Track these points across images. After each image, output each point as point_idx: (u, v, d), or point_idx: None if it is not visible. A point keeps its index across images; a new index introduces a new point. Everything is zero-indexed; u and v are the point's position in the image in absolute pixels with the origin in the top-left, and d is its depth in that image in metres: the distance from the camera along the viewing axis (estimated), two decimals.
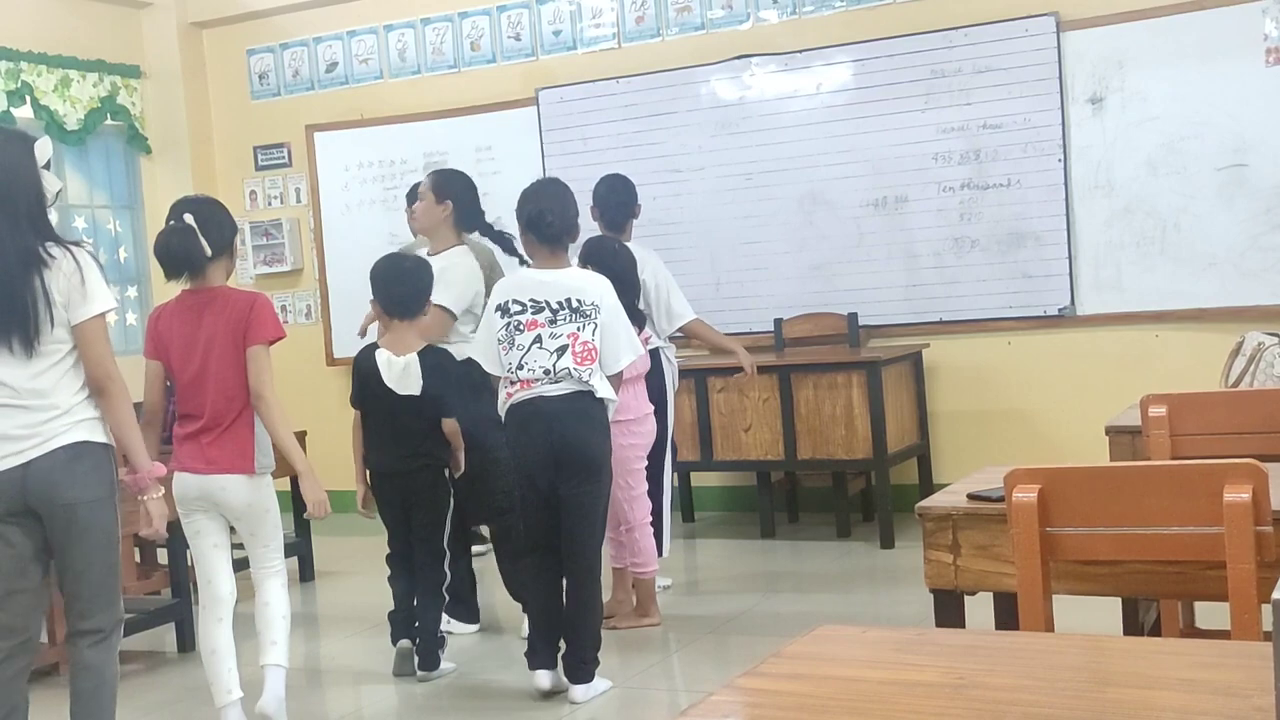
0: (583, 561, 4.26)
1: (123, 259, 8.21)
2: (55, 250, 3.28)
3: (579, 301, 4.22)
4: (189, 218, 3.90)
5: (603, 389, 4.23)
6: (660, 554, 5.32)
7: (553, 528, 4.25)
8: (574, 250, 4.74)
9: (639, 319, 5.04)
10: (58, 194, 3.43)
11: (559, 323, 4.20)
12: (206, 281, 3.96)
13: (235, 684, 4.00)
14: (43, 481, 3.28)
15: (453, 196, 5.08)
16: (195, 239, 3.89)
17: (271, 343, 3.94)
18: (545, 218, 4.30)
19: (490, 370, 4.34)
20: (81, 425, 3.33)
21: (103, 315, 3.35)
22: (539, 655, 4.31)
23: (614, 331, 4.25)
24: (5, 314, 3.24)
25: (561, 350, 4.18)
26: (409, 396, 4.52)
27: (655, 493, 5.23)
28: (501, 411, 4.32)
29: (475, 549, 6.62)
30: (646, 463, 5.02)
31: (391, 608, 4.74)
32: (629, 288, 4.89)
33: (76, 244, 3.35)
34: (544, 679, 4.30)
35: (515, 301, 4.25)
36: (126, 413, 3.39)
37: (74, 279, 3.27)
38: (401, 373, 4.52)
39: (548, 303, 4.22)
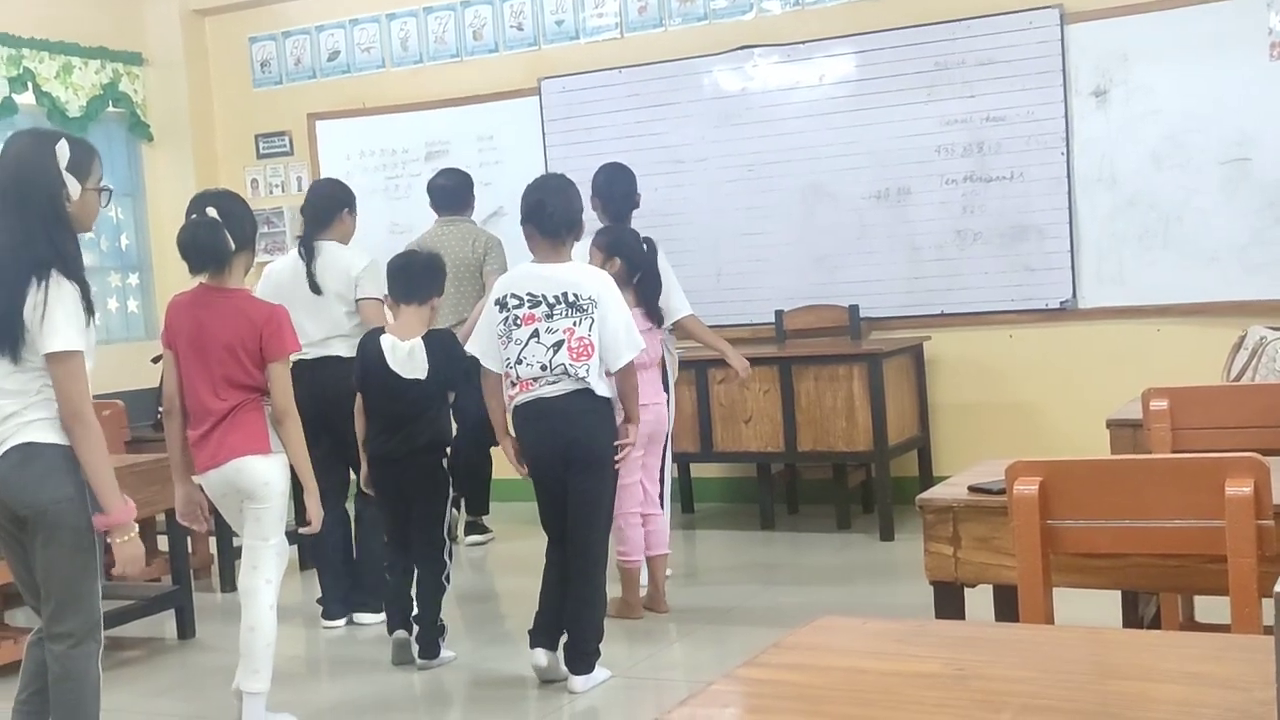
0: (587, 555, 4.27)
1: (124, 246, 8.20)
2: (43, 277, 3.15)
3: (575, 296, 4.18)
4: (213, 211, 3.89)
5: (600, 387, 4.21)
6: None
7: (564, 520, 4.27)
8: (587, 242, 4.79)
9: (658, 316, 5.07)
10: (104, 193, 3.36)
11: (555, 317, 4.17)
12: (227, 277, 3.94)
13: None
14: (4, 488, 3.20)
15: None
16: (221, 232, 3.87)
17: (288, 357, 3.96)
18: (545, 208, 4.27)
19: (488, 366, 4.30)
20: (30, 426, 3.20)
21: (66, 354, 3.16)
22: (540, 635, 4.34)
23: (613, 328, 4.20)
24: (3, 323, 3.16)
25: (557, 346, 4.16)
26: (414, 380, 4.52)
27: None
28: (508, 413, 4.32)
29: (475, 539, 6.66)
30: (642, 452, 5.00)
31: (389, 597, 4.74)
32: (652, 278, 4.96)
33: (70, 274, 3.20)
34: (540, 657, 4.32)
35: (513, 296, 4.23)
36: (95, 453, 3.21)
37: (36, 312, 3.14)
38: (407, 356, 4.53)
39: (544, 297, 4.19)
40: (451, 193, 6.53)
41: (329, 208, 5.32)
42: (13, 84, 7.33)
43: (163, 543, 5.62)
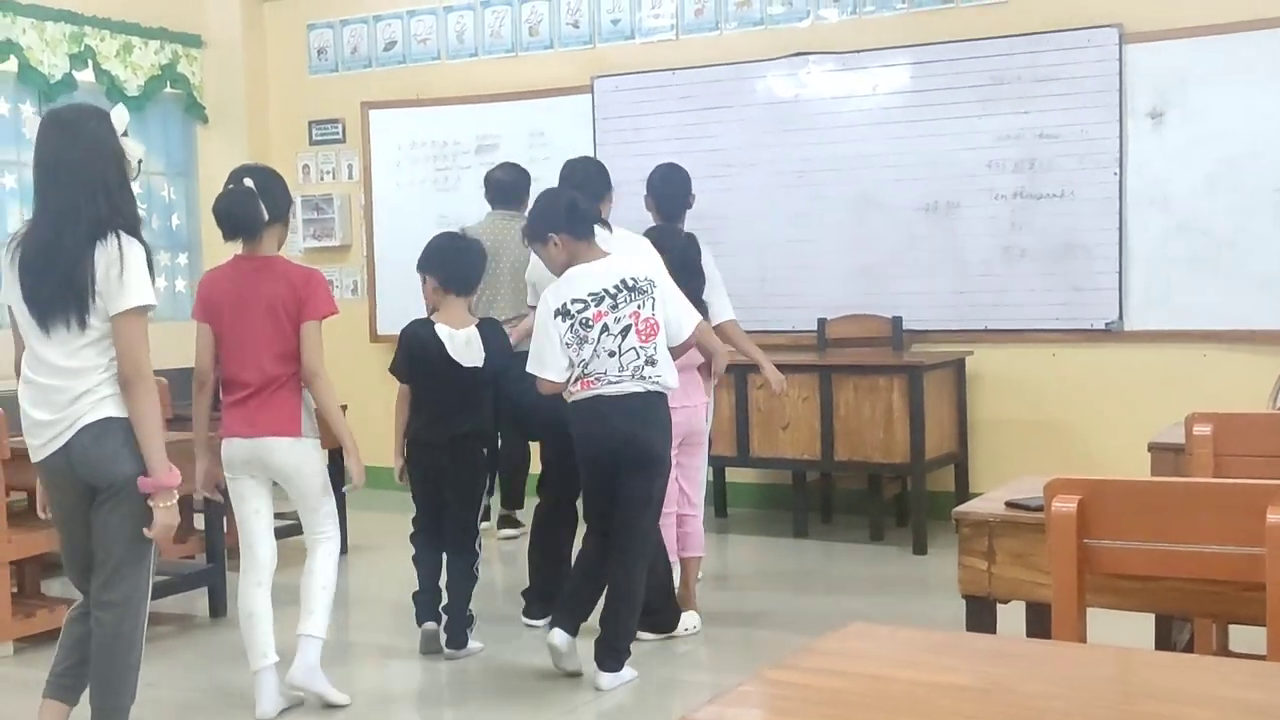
0: (631, 553, 4.30)
1: (175, 226, 8.27)
2: (110, 235, 3.24)
3: (634, 279, 4.27)
4: (249, 181, 3.98)
5: (667, 373, 4.27)
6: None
7: (609, 515, 4.31)
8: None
9: (703, 310, 5.09)
10: (139, 162, 3.39)
11: (620, 305, 4.24)
12: (260, 247, 4.02)
13: (271, 648, 4.06)
14: (82, 463, 3.29)
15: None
16: (255, 201, 3.97)
17: (324, 318, 4.01)
18: (582, 204, 4.38)
19: (552, 378, 4.27)
20: (105, 402, 3.29)
21: (139, 310, 3.25)
22: (563, 617, 4.36)
23: (674, 302, 4.33)
24: (67, 289, 3.23)
25: (625, 331, 4.22)
26: (473, 368, 4.55)
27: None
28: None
29: (508, 532, 6.67)
30: (675, 451, 4.99)
31: (416, 588, 4.75)
32: (695, 275, 4.99)
33: (133, 234, 3.28)
34: (558, 637, 4.32)
35: (575, 300, 4.26)
36: (150, 411, 3.28)
37: (113, 269, 3.21)
38: (465, 345, 4.55)
39: (606, 290, 4.25)
40: (510, 188, 6.56)
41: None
42: (73, 61, 7.42)
43: (199, 521, 5.67)
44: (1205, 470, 3.11)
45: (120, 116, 3.37)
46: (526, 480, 6.64)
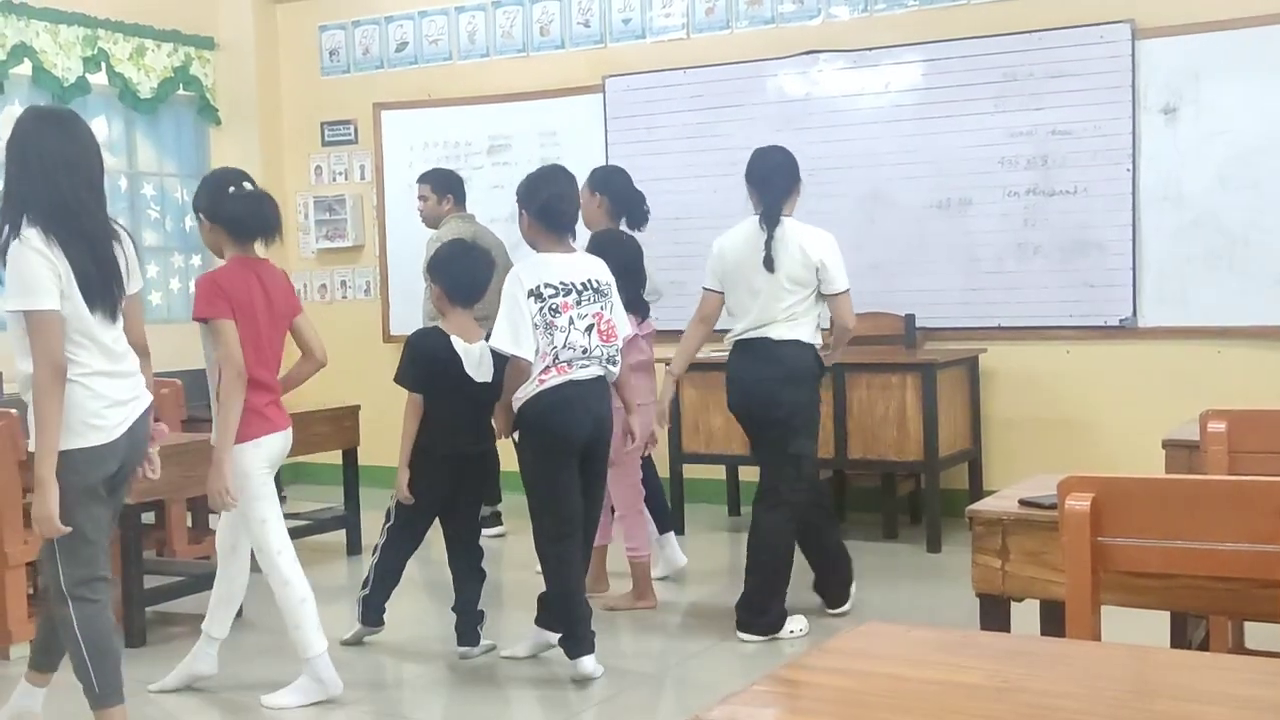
0: (591, 535, 4.54)
1: (188, 228, 8.29)
2: (118, 226, 3.52)
3: (597, 282, 4.39)
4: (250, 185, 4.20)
5: (615, 369, 4.46)
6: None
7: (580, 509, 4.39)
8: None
9: (644, 309, 5.21)
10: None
11: (584, 303, 4.32)
12: (262, 250, 4.22)
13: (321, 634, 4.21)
14: (139, 442, 3.49)
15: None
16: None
17: None
18: (559, 205, 4.41)
19: (518, 353, 4.23)
20: (144, 385, 3.54)
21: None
22: (582, 642, 4.33)
23: (619, 310, 4.47)
24: (108, 280, 3.39)
25: (589, 330, 4.32)
26: (484, 384, 4.52)
27: (648, 479, 5.41)
28: (523, 397, 4.28)
29: (488, 531, 6.65)
30: (645, 449, 5.12)
31: (393, 579, 4.82)
32: (635, 275, 5.04)
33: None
34: (589, 664, 4.32)
35: (547, 285, 4.30)
36: (151, 377, 3.63)
37: (131, 254, 3.51)
38: (478, 361, 4.54)
39: (574, 284, 4.33)
40: (457, 185, 6.68)
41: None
42: (87, 64, 7.44)
43: (213, 521, 5.67)
44: (1220, 467, 3.10)
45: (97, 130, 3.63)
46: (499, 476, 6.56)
